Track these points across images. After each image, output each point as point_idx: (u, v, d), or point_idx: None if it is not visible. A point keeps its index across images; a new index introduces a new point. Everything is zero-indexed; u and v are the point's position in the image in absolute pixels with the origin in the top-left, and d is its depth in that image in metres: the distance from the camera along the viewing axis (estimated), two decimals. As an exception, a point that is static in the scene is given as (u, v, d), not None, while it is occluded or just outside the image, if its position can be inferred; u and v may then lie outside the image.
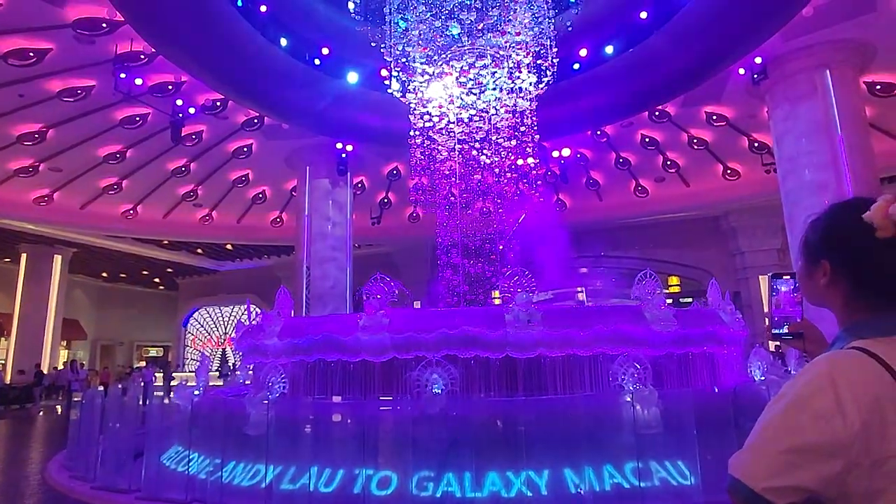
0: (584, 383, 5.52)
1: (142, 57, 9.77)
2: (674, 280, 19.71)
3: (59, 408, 17.05)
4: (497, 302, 10.22)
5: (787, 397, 0.89)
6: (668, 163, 15.06)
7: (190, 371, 20.46)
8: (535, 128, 8.77)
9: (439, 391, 4.85)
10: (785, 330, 1.24)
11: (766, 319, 1.28)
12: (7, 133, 12.22)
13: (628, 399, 4.68)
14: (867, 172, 9.59)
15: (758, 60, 9.94)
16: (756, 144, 13.52)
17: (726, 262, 17.84)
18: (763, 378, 5.76)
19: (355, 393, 5.72)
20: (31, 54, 9.51)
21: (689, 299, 16.03)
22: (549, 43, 8.16)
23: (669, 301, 6.83)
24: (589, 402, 5.17)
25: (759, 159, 13.71)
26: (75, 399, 13.40)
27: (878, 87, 10.96)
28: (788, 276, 1.25)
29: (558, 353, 5.44)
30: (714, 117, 12.64)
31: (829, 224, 1.05)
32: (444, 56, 8.20)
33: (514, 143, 8.82)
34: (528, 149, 8.86)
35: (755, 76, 10.16)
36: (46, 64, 9.82)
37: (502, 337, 5.33)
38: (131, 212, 17.05)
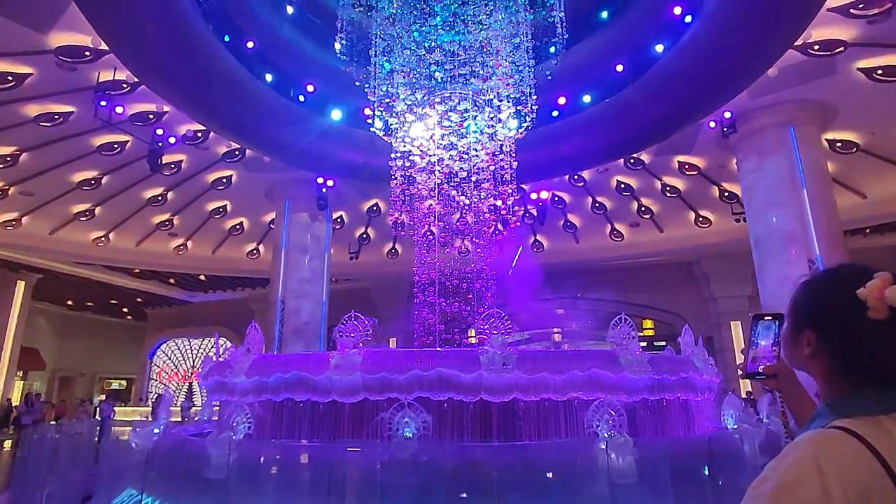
0: (559, 429, 5.43)
1: (124, 86, 9.75)
2: (648, 324, 19.93)
3: (7, 443, 16.04)
4: (473, 342, 10.13)
5: (771, 482, 0.84)
6: (643, 208, 15.46)
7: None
8: (515, 169, 8.95)
9: (410, 435, 4.71)
10: (760, 370, 1.22)
11: (742, 360, 1.25)
12: (-23, 155, 11.95)
13: (603, 447, 4.61)
14: (831, 225, 9.98)
15: (727, 115, 10.41)
16: (726, 194, 14.00)
17: (699, 308, 18.12)
18: (736, 426, 5.76)
19: (324, 435, 5.51)
20: (10, 78, 9.40)
21: (663, 343, 16.15)
22: (528, 90, 8.43)
23: (643, 344, 6.86)
24: (563, 449, 5.07)
25: (729, 208, 14.17)
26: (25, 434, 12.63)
27: (839, 144, 11.54)
28: (770, 318, 1.21)
29: (533, 398, 5.36)
30: (686, 166, 13.09)
31: (820, 294, 1.00)
32: (426, 98, 8.38)
33: (491, 172, 8.96)
34: (508, 185, 9.00)
35: (725, 129, 10.63)
36: (25, 88, 9.71)
37: (477, 379, 5.24)
38: (103, 239, 16.64)
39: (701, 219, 15.77)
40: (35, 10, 8.11)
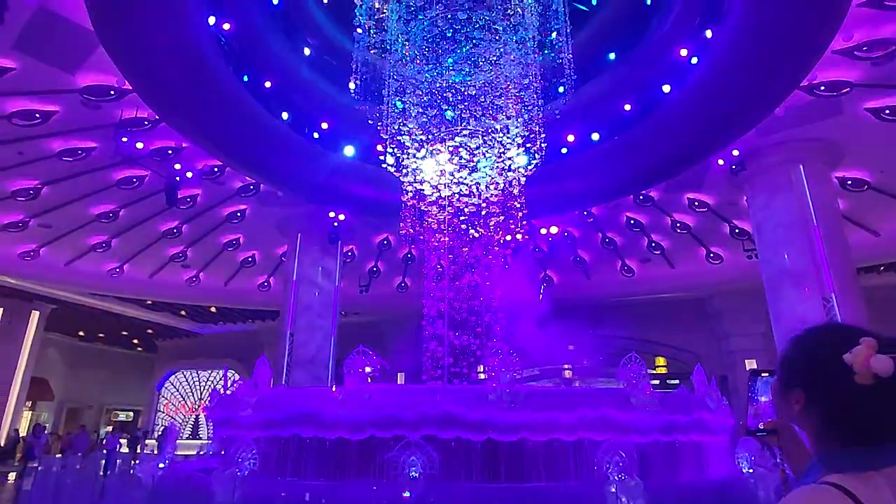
0: (568, 470, 5.30)
1: (146, 123, 10.09)
2: (660, 361, 19.56)
3: (11, 475, 15.92)
4: (482, 377, 10.00)
5: None
6: (653, 244, 15.42)
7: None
8: (524, 205, 9.04)
9: (417, 475, 4.64)
10: (760, 426, 1.23)
11: (744, 417, 1.27)
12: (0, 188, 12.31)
13: (613, 490, 4.50)
14: (843, 263, 9.86)
15: (735, 153, 10.49)
16: (737, 230, 13.95)
17: (712, 345, 17.79)
18: (751, 470, 5.59)
19: (329, 473, 5.44)
20: (37, 115, 9.78)
21: (676, 381, 15.82)
22: (538, 128, 8.59)
23: (656, 382, 6.75)
24: (573, 492, 4.95)
25: (740, 245, 14.08)
26: (31, 466, 12.54)
27: (850, 182, 11.52)
28: (768, 374, 1.23)
29: (542, 437, 5.27)
30: (696, 203, 13.11)
31: (809, 356, 1.03)
32: (438, 136, 8.57)
33: (502, 218, 9.05)
34: (518, 224, 9.06)
35: (733, 167, 10.68)
36: (50, 125, 10.08)
37: (485, 418, 5.18)
38: (117, 270, 16.89)
39: (712, 255, 15.68)
40: (65, 52, 8.51)
